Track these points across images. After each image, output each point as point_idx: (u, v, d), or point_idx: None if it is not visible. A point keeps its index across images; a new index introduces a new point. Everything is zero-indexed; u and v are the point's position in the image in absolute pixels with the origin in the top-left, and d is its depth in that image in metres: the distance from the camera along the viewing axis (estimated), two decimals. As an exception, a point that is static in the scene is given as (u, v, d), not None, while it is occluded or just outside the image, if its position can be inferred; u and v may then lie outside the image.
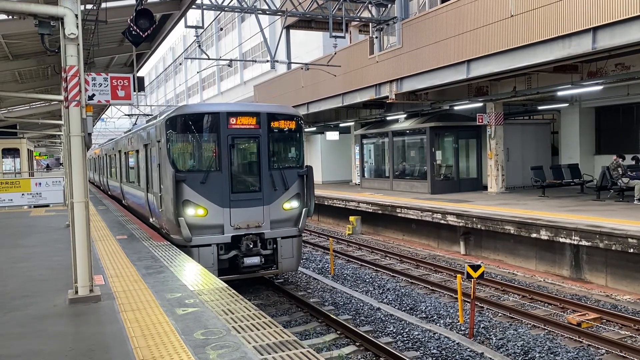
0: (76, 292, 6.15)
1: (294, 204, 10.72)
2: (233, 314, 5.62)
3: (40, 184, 18.92)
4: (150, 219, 12.41)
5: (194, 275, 7.46)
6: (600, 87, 15.65)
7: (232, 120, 10.11)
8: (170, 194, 9.73)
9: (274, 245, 10.50)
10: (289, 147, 11.23)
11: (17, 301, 6.29)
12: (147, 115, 26.99)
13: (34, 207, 18.28)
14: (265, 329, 5.17)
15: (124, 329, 5.14)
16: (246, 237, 10.08)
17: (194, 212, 9.77)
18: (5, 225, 13.76)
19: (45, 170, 50.46)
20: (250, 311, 5.72)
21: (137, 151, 13.93)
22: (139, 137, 13.61)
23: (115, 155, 19.67)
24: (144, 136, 12.76)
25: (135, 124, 18.80)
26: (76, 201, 6.11)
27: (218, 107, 10.82)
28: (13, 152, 25.85)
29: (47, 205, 18.42)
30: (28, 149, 27.21)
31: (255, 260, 10.10)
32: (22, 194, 18.31)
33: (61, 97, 7.67)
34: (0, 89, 16.87)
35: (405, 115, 22.66)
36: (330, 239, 15.68)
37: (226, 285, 6.90)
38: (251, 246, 10.08)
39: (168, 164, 9.92)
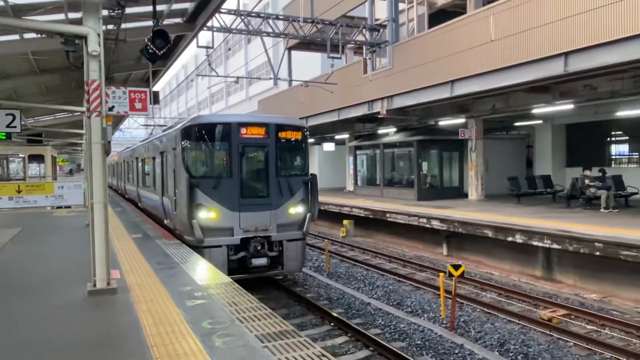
0: (95, 285, 6.15)
1: (299, 209, 10.52)
2: (237, 305, 5.63)
3: (62, 187, 18.79)
4: (165, 221, 12.27)
5: (202, 271, 7.47)
6: (570, 106, 15.72)
7: (243, 130, 10.00)
8: (185, 198, 9.62)
9: (280, 248, 10.32)
10: (295, 156, 11.03)
11: (42, 292, 6.31)
12: (162, 126, 26.97)
13: (57, 208, 18.20)
14: (266, 319, 5.18)
15: (138, 319, 5.14)
16: (254, 239, 9.94)
17: (206, 215, 9.61)
18: (31, 224, 13.73)
19: (67, 174, 50.29)
20: (252, 304, 5.73)
21: (154, 158, 13.82)
22: (155, 145, 13.54)
23: (132, 162, 19.62)
24: (160, 144, 12.71)
25: (151, 133, 18.78)
26: (96, 202, 6.13)
27: (230, 118, 10.69)
28: (38, 158, 25.80)
29: (68, 207, 18.31)
30: (52, 156, 27.16)
31: (263, 261, 9.98)
32: (46, 196, 18.20)
33: (83, 109, 7.70)
34: (27, 100, 16.90)
35: (395, 129, 22.71)
36: (325, 240, 15.69)
37: (231, 280, 6.91)
38: (259, 248, 9.94)
39: (183, 170, 9.82)
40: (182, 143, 9.94)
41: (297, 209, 10.48)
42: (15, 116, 14.14)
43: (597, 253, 9.85)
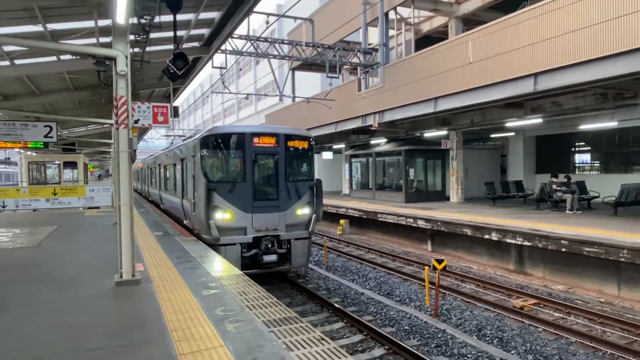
0: (121, 276, 6.17)
1: (306, 210, 10.41)
2: (246, 295, 5.64)
3: (92, 190, 18.83)
4: (184, 221, 12.16)
5: (215, 264, 7.46)
6: (539, 120, 15.79)
7: (255, 140, 9.92)
8: (203, 200, 9.53)
9: (288, 246, 10.22)
10: (302, 163, 10.81)
11: (75, 283, 6.32)
12: (181, 136, 26.98)
13: (88, 208, 18.21)
14: (272, 307, 5.20)
15: (159, 306, 5.15)
16: (265, 238, 9.86)
17: (222, 216, 9.53)
18: (65, 223, 13.73)
19: (97, 179, 50.22)
20: (260, 293, 5.74)
21: (174, 165, 13.69)
22: (176, 153, 13.43)
23: (155, 168, 19.57)
24: (180, 152, 12.58)
25: (172, 143, 18.77)
26: (123, 204, 6.14)
27: (244, 129, 10.49)
28: (72, 165, 25.82)
29: (98, 207, 18.34)
30: (84, 162, 27.18)
31: (273, 257, 9.89)
32: (79, 198, 18.23)
33: (112, 121, 7.72)
34: (63, 114, 16.91)
35: (385, 140, 22.74)
36: (324, 237, 15.71)
37: (241, 272, 6.92)
38: (269, 246, 9.86)
39: (201, 175, 9.72)
40: (201, 151, 9.83)
41: (303, 211, 10.37)
42: (52, 128, 14.17)
43: (563, 249, 9.89)
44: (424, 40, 18.62)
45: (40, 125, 14.07)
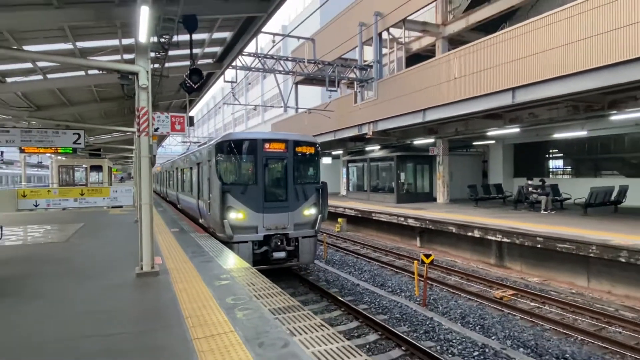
0: (142, 268, 6.18)
1: (312, 211, 10.13)
2: (254, 285, 5.63)
3: (116, 191, 18.82)
4: (200, 220, 11.94)
5: (226, 258, 7.45)
6: (517, 130, 15.81)
7: (266, 145, 9.67)
8: (218, 201, 9.35)
9: (296, 243, 9.92)
10: (309, 167, 10.47)
11: (100, 274, 6.33)
12: (197, 142, 26.94)
13: (112, 207, 18.20)
14: (276, 297, 5.19)
15: (175, 295, 5.15)
16: (275, 236, 9.60)
17: (235, 216, 9.28)
18: (91, 221, 13.74)
19: (119, 181, 50.17)
20: (266, 284, 5.73)
21: (191, 168, 13.37)
22: (193, 157, 13.12)
23: (172, 171, 19.51)
24: (196, 157, 12.33)
25: (188, 149, 18.65)
26: (143, 203, 6.15)
27: (255, 135, 10.13)
28: (97, 168, 25.83)
29: (120, 207, 18.33)
30: (108, 166, 27.18)
31: (282, 254, 9.64)
32: (103, 198, 18.22)
33: (134, 129, 7.74)
34: (90, 122, 16.94)
35: (379, 147, 22.76)
36: (324, 234, 15.68)
37: (249, 265, 6.89)
38: (279, 244, 9.62)
39: (216, 178, 9.50)
40: (216, 155, 9.60)
41: (310, 211, 10.11)
42: (80, 135, 14.19)
43: (538, 245, 9.89)
44: (414, 58, 18.68)
45: (70, 133, 14.08)
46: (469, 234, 11.98)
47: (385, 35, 17.83)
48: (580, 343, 6.65)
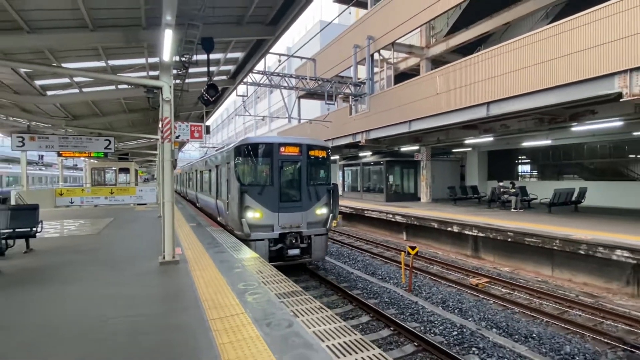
0: (164, 257, 6.16)
1: (324, 210, 9.49)
2: (262, 273, 5.62)
3: (141, 190, 18.84)
4: (218, 218, 11.32)
5: (238, 249, 7.42)
6: (491, 139, 15.82)
7: (282, 149, 9.08)
8: (236, 201, 8.74)
9: (309, 241, 9.29)
10: (320, 170, 9.75)
11: (127, 262, 6.32)
12: (213, 147, 26.87)
13: (137, 204, 18.19)
14: (282, 283, 5.18)
15: (193, 281, 5.15)
16: (289, 234, 9.02)
17: (252, 215, 8.68)
18: (120, 216, 13.71)
19: (144, 182, 50.07)
20: (272, 272, 5.72)
21: (210, 170, 12.65)
22: (212, 160, 12.39)
23: (192, 173, 19.28)
24: (215, 160, 11.69)
25: (206, 153, 18.36)
26: (166, 201, 6.14)
27: (272, 139, 9.47)
28: (125, 170, 25.79)
29: (145, 204, 18.33)
30: (135, 169, 27.16)
31: (296, 251, 9.06)
32: (130, 196, 18.24)
33: (158, 137, 7.75)
34: (119, 130, 16.94)
35: (371, 153, 22.75)
36: (322, 228, 15.60)
37: (258, 255, 6.85)
38: (294, 241, 9.01)
39: (235, 179, 8.94)
40: (235, 158, 9.05)
41: (322, 211, 9.48)
42: (110, 141, 14.18)
43: (509, 239, 9.88)
44: (401, 76, 18.73)
45: (101, 139, 14.07)
46: (449, 229, 11.97)
47: (376, 56, 17.85)
48: (545, 324, 6.64)
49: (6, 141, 26.39)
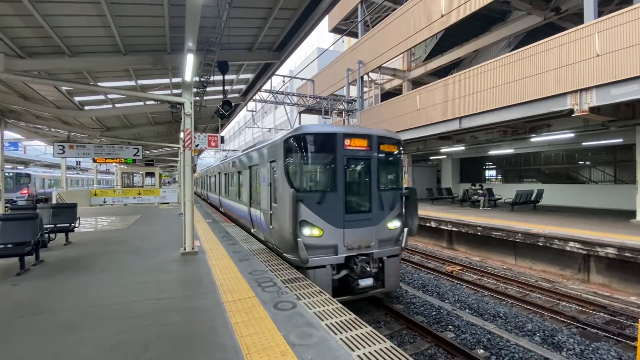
0: (185, 249, 6.13)
1: (397, 223, 6.12)
2: (269, 262, 5.59)
3: (165, 191, 18.75)
4: (252, 229, 8.06)
5: (249, 242, 7.37)
6: (462, 148, 15.88)
7: (347, 142, 5.75)
8: (288, 213, 5.43)
9: (380, 264, 5.93)
10: (392, 170, 6.35)
11: (153, 253, 6.28)
12: (230, 150, 26.47)
13: (161, 204, 18.09)
14: (286, 270, 5.15)
15: (210, 269, 5.12)
16: (359, 257, 5.69)
17: (309, 233, 5.46)
18: (146, 213, 13.61)
19: (167, 184, 49.78)
20: (278, 261, 5.69)
21: (239, 172, 9.34)
22: (243, 160, 8.80)
23: (214, 177, 16.52)
24: (249, 160, 8.20)
25: (226, 157, 15.63)
26: (187, 200, 6.11)
27: (333, 129, 5.85)
28: (151, 175, 25.70)
29: (168, 203, 18.23)
30: (159, 173, 27.04)
31: (369, 281, 5.64)
32: (155, 197, 18.14)
33: (180, 145, 7.74)
34: (146, 140, 16.84)
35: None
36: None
37: (265, 247, 6.72)
38: (367, 268, 5.62)
39: (286, 183, 5.64)
40: (285, 155, 5.74)
41: (395, 224, 6.09)
42: (138, 149, 14.11)
43: (479, 233, 9.90)
44: (387, 95, 18.81)
45: (131, 148, 14.00)
46: (428, 224, 11.96)
47: (365, 77, 17.94)
48: (510, 305, 6.65)
49: (48, 149, 26.15)
